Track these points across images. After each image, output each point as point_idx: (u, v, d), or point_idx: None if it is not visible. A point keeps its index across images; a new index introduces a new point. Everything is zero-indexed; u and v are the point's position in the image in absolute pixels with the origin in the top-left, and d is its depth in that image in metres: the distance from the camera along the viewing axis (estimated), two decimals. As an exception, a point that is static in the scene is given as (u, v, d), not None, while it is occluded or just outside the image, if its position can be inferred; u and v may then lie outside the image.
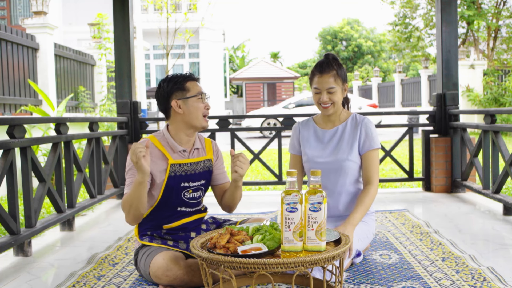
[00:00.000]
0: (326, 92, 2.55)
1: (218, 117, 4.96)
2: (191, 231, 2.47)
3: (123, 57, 4.81)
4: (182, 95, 2.37)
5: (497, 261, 2.63)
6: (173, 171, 2.35)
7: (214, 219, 2.65)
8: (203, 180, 2.48)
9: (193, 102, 2.36)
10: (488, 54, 17.42)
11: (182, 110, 2.36)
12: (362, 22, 37.74)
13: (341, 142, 2.64)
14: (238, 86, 30.86)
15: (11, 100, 6.58)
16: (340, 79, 2.57)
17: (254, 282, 1.92)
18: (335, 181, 2.62)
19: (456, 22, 4.80)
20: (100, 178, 4.22)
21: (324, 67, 2.56)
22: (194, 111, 2.36)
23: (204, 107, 2.39)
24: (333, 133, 2.67)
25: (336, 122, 2.70)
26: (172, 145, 2.39)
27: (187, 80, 2.39)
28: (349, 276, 2.40)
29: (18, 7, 14.09)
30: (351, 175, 2.62)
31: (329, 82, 2.54)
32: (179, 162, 2.38)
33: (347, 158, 2.59)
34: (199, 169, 2.45)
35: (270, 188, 5.49)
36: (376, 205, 4.18)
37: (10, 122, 2.85)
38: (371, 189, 2.56)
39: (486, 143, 4.06)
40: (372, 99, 21.71)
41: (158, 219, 2.41)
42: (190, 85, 2.38)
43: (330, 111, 2.61)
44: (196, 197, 2.45)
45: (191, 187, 2.41)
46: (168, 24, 10.51)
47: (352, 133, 2.64)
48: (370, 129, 2.63)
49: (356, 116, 2.69)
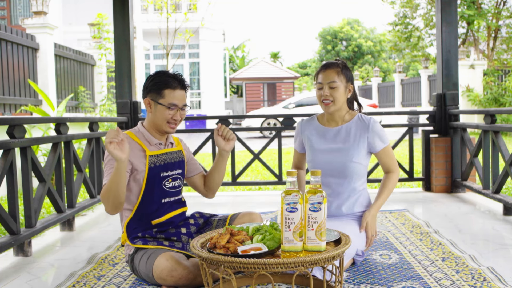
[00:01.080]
0: (328, 87, 2.56)
1: (218, 117, 4.96)
2: (180, 227, 2.49)
3: (123, 57, 4.81)
4: (155, 97, 2.40)
5: (497, 261, 2.63)
6: (152, 162, 2.41)
7: (201, 214, 2.68)
8: (179, 169, 2.54)
9: (162, 108, 2.39)
10: (488, 54, 17.42)
11: (151, 110, 2.43)
12: (362, 22, 37.72)
13: (346, 142, 2.62)
14: (238, 86, 30.87)
15: (11, 100, 6.58)
16: (344, 76, 2.58)
17: (254, 282, 1.93)
18: (340, 182, 2.61)
19: (456, 22, 4.80)
20: (100, 178, 4.21)
21: (329, 64, 2.60)
22: (159, 117, 2.40)
23: (172, 117, 2.40)
24: (336, 132, 2.66)
25: (340, 121, 2.68)
26: (148, 138, 2.45)
27: (168, 87, 2.38)
28: (349, 276, 2.40)
29: (18, 7, 14.08)
30: (356, 176, 2.61)
31: (331, 77, 2.55)
32: (157, 153, 2.44)
33: (352, 160, 2.58)
34: (174, 159, 2.52)
35: (270, 188, 5.49)
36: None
37: (10, 122, 2.85)
38: (393, 175, 2.66)
39: (486, 143, 4.06)
40: (372, 99, 21.71)
41: (146, 215, 2.42)
42: (168, 93, 2.38)
43: (331, 108, 2.59)
44: (176, 185, 2.51)
45: (170, 176, 2.47)
46: (168, 24, 10.52)
47: (359, 134, 2.61)
48: (378, 129, 2.62)
49: (362, 117, 2.66)
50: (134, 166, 2.37)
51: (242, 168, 5.06)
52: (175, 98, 2.39)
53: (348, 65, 3.11)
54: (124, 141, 2.13)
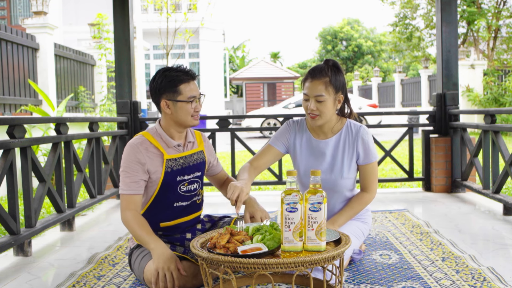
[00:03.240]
0: (315, 100, 2.38)
1: (218, 117, 4.96)
2: (186, 232, 2.46)
3: (123, 57, 4.81)
4: (172, 96, 2.31)
5: (497, 261, 2.63)
6: (169, 167, 2.34)
7: (209, 217, 2.64)
8: (198, 172, 2.46)
9: (183, 105, 2.31)
10: (488, 54, 17.42)
11: (170, 111, 2.33)
12: (362, 22, 37.73)
13: (335, 157, 2.49)
14: (238, 86, 30.86)
15: (11, 100, 6.58)
16: (332, 88, 2.37)
17: (254, 282, 1.93)
18: (329, 197, 2.50)
19: (456, 22, 4.80)
20: (100, 178, 4.22)
21: (317, 72, 2.39)
22: (182, 113, 2.32)
23: (194, 109, 2.33)
24: (325, 145, 2.51)
25: (329, 133, 2.52)
26: (166, 140, 2.37)
27: (182, 82, 2.31)
28: (349, 276, 2.40)
29: (18, 7, 14.08)
30: (346, 191, 2.54)
31: (318, 90, 2.36)
32: (174, 157, 2.37)
33: (342, 176, 2.48)
34: (193, 161, 2.44)
35: (270, 188, 5.49)
36: (376, 205, 4.18)
37: (10, 122, 2.85)
38: (365, 196, 2.51)
39: (486, 143, 4.06)
40: (372, 99, 21.71)
41: (155, 217, 2.39)
42: (183, 87, 2.31)
43: (317, 122, 2.42)
44: (191, 189, 2.43)
45: (186, 180, 2.40)
46: (168, 24, 10.51)
47: (349, 147, 2.48)
48: (368, 142, 2.47)
49: (351, 126, 2.51)
50: (150, 173, 2.33)
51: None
52: (192, 90, 2.32)
53: (348, 65, 3.03)
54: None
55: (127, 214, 2.29)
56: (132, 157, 2.31)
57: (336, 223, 2.43)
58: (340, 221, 2.45)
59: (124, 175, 2.31)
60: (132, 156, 2.31)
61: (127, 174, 2.30)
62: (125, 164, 2.32)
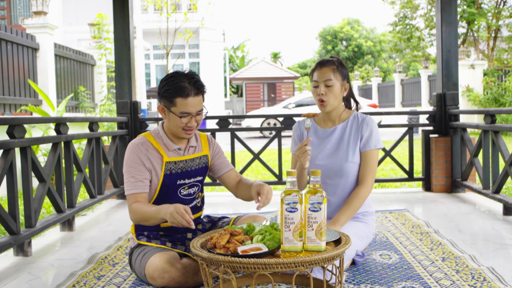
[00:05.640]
0: (324, 85, 2.54)
1: (218, 117, 4.96)
2: (187, 232, 2.47)
3: (123, 57, 4.81)
4: (167, 105, 2.29)
5: (497, 261, 2.63)
6: (168, 169, 2.35)
7: (209, 218, 2.67)
8: (199, 176, 2.47)
9: (174, 116, 2.28)
10: (488, 54, 17.42)
11: (165, 116, 2.34)
12: (362, 22, 37.77)
13: (341, 142, 2.60)
14: (238, 86, 30.86)
15: (11, 100, 6.58)
16: (339, 74, 2.56)
17: (254, 282, 1.93)
18: (336, 183, 2.58)
19: (456, 22, 4.80)
20: (100, 178, 4.22)
21: (325, 61, 2.59)
22: (172, 124, 2.31)
23: (186, 124, 2.28)
24: (332, 132, 2.64)
25: (336, 121, 2.66)
26: (166, 143, 2.38)
27: (179, 96, 2.24)
28: (349, 276, 2.40)
29: (18, 7, 14.09)
30: (351, 175, 2.58)
31: (327, 75, 2.54)
32: (174, 160, 2.38)
33: (347, 160, 2.56)
34: (194, 166, 2.44)
35: (270, 188, 5.48)
36: (376, 205, 4.18)
37: (10, 122, 2.85)
38: (361, 190, 2.53)
39: (486, 143, 4.06)
40: (372, 99, 21.71)
41: None
42: (179, 101, 2.24)
43: (327, 107, 2.57)
44: (191, 193, 2.45)
45: (187, 183, 2.41)
46: (168, 24, 10.52)
47: (354, 133, 2.59)
48: (372, 128, 2.58)
49: (358, 115, 2.64)
50: (153, 174, 2.34)
51: (242, 168, 5.06)
52: (187, 106, 2.24)
53: (348, 65, 3.10)
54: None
55: (133, 206, 2.29)
56: (134, 157, 2.33)
57: (338, 222, 2.44)
58: (341, 220, 2.46)
59: (127, 175, 2.33)
60: (134, 156, 2.33)
61: (130, 174, 2.32)
62: (127, 164, 2.34)
